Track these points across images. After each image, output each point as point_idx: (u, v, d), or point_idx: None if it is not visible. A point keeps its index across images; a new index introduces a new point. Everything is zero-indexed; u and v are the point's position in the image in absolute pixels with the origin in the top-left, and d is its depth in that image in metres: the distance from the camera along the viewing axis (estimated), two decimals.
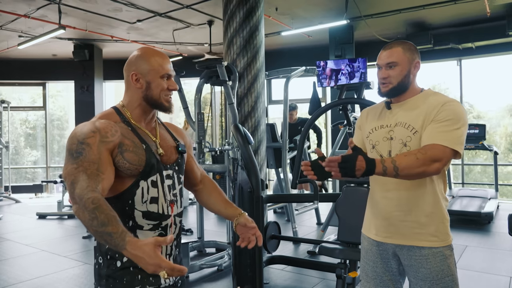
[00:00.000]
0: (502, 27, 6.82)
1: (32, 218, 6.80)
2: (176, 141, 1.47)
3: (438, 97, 1.63)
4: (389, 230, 1.68)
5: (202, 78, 4.59)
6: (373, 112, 1.79)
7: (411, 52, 1.64)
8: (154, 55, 1.36)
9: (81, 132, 1.26)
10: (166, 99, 1.37)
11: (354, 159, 1.41)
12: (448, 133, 1.51)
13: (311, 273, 3.85)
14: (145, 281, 1.32)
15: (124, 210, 1.30)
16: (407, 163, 1.46)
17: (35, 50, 8.69)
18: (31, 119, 13.05)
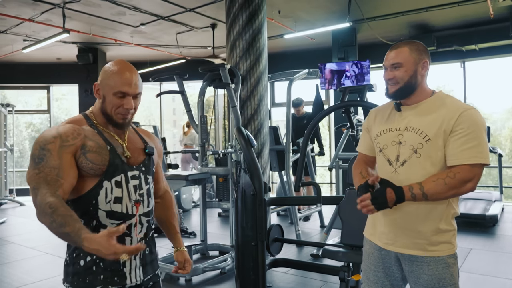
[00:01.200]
0: (506, 29, 6.81)
1: (36, 221, 6.70)
2: (145, 143, 1.51)
3: (453, 103, 1.57)
4: (392, 238, 1.65)
5: (205, 81, 4.60)
6: (382, 114, 1.74)
7: (418, 52, 1.60)
8: (117, 72, 1.37)
9: (43, 138, 1.32)
10: (120, 116, 1.39)
11: (384, 194, 1.47)
12: (473, 149, 1.48)
13: (314, 276, 3.84)
14: (108, 281, 1.35)
15: (88, 210, 1.34)
16: (436, 190, 1.47)
17: (40, 54, 8.75)
18: (36, 122, 13.12)
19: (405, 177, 1.57)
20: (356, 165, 1.86)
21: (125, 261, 1.38)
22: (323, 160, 9.45)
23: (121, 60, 1.43)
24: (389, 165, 1.63)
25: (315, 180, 5.85)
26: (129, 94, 1.38)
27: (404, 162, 1.58)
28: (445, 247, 1.60)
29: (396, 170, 1.61)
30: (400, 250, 1.63)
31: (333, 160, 5.59)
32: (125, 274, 1.39)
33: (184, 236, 5.51)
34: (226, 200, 4.61)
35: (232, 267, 3.99)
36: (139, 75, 1.43)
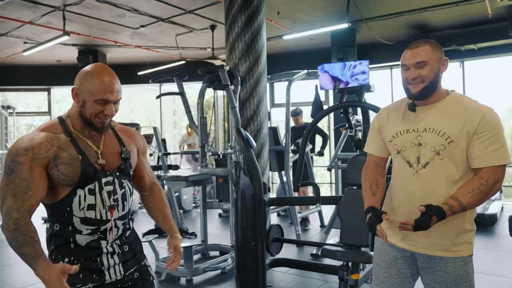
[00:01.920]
0: (504, 29, 6.82)
1: (38, 222, 6.80)
2: (123, 146, 1.50)
3: (471, 103, 1.57)
4: (414, 239, 1.63)
5: (204, 83, 4.63)
6: (395, 114, 1.70)
7: (439, 50, 1.58)
8: (98, 77, 1.34)
9: (15, 150, 1.32)
10: (99, 121, 1.38)
11: (429, 221, 1.49)
12: (498, 151, 1.51)
13: (314, 275, 3.86)
14: (87, 279, 1.39)
15: (63, 216, 1.38)
16: (474, 201, 1.51)
17: (40, 56, 8.78)
18: (37, 124, 13.14)
19: (428, 180, 1.57)
20: (366, 173, 1.81)
21: (102, 260, 1.42)
22: (323, 160, 9.47)
23: (101, 64, 1.41)
24: (410, 167, 1.60)
25: (315, 180, 5.87)
26: (111, 101, 1.36)
27: (426, 164, 1.57)
28: (466, 247, 1.61)
29: (418, 172, 1.58)
30: (422, 251, 1.62)
31: (332, 160, 5.61)
32: (103, 271, 1.42)
33: (185, 236, 5.54)
34: (226, 201, 4.63)
35: (233, 267, 4.01)
36: (118, 80, 1.41)
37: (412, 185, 1.61)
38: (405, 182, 1.64)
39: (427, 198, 1.55)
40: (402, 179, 1.65)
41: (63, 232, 1.39)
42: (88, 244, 1.40)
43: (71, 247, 1.39)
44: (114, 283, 1.45)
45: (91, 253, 1.40)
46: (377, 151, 1.76)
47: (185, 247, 3.92)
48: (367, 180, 1.79)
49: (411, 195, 1.61)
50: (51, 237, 1.43)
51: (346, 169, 3.12)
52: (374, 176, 1.77)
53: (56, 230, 1.40)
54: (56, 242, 1.41)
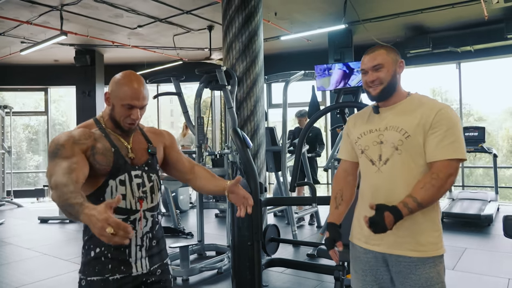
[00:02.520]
0: (500, 30, 6.87)
1: (34, 222, 6.84)
2: (149, 143, 1.62)
3: (429, 102, 1.63)
4: (379, 238, 1.62)
5: (201, 83, 4.63)
6: (361, 118, 1.78)
7: (394, 53, 1.67)
8: (127, 84, 1.48)
9: (57, 139, 1.46)
10: (126, 125, 1.51)
11: (382, 219, 1.50)
12: (451, 145, 1.54)
13: (310, 275, 3.87)
14: (116, 269, 1.48)
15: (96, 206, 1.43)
16: (428, 195, 1.51)
17: (37, 56, 8.77)
18: (33, 124, 13.13)
19: (389, 175, 1.60)
20: (334, 181, 1.88)
21: (131, 252, 1.51)
22: (320, 161, 9.49)
23: (131, 72, 1.53)
24: (372, 165, 1.65)
25: (311, 180, 5.89)
26: (137, 107, 1.49)
27: (387, 160, 1.61)
28: (434, 248, 1.60)
29: (380, 169, 1.63)
30: (388, 251, 1.62)
31: (329, 160, 5.63)
32: (130, 263, 1.51)
33: (181, 236, 5.54)
34: (223, 201, 4.64)
35: (229, 267, 4.02)
36: (146, 87, 1.53)
37: (376, 182, 1.65)
38: (369, 180, 1.68)
39: (390, 193, 1.60)
40: (367, 177, 1.70)
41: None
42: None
43: None
44: (139, 277, 1.53)
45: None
46: (347, 155, 1.81)
47: (182, 247, 3.93)
48: (334, 189, 1.87)
49: (376, 192, 1.65)
50: (86, 227, 1.50)
51: None
52: (341, 185, 1.84)
53: None
54: (90, 232, 1.48)
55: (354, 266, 1.76)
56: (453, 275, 3.85)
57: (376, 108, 1.71)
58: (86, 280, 1.48)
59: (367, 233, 1.65)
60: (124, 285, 1.49)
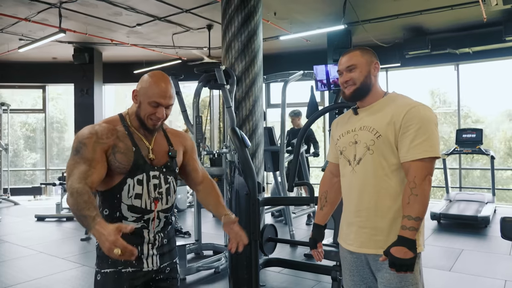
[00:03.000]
0: (499, 33, 6.88)
1: (31, 220, 6.82)
2: (171, 146, 1.66)
3: (402, 100, 1.63)
4: (353, 238, 1.66)
5: (200, 82, 4.63)
6: (342, 120, 1.81)
7: (369, 54, 1.69)
8: (155, 83, 1.53)
9: (82, 134, 1.51)
10: (151, 122, 1.56)
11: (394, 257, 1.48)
12: (422, 144, 1.52)
13: (307, 275, 3.88)
14: (128, 263, 1.53)
15: (113, 203, 1.53)
16: (418, 207, 1.49)
17: (36, 53, 8.74)
18: (31, 121, 13.08)
19: (362, 175, 1.62)
20: (321, 183, 1.92)
21: (143, 249, 1.56)
22: (318, 161, 9.50)
23: (160, 72, 1.58)
24: (349, 165, 1.67)
25: (309, 180, 5.89)
26: (163, 105, 1.53)
27: (360, 160, 1.63)
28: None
29: (354, 169, 1.65)
30: (360, 250, 1.63)
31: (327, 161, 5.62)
32: (142, 259, 1.56)
33: (179, 236, 5.54)
34: None
35: (226, 267, 4.01)
36: (173, 87, 1.58)
37: (351, 182, 1.67)
38: (345, 180, 1.71)
39: (362, 193, 1.62)
40: (344, 177, 1.73)
41: (111, 217, 1.53)
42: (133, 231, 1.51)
43: None
44: (150, 273, 1.59)
45: (134, 241, 1.50)
46: (332, 157, 1.84)
47: (179, 246, 3.92)
48: (320, 191, 1.92)
49: (350, 192, 1.68)
50: None
51: None
52: (326, 187, 1.88)
53: (105, 215, 1.53)
54: None
55: (343, 266, 1.78)
56: (450, 276, 3.86)
57: (355, 109, 1.73)
58: (100, 273, 1.54)
59: (345, 233, 1.71)
60: (136, 278, 1.55)
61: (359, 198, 1.63)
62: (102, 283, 1.54)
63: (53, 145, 12.07)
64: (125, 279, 1.52)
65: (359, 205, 1.63)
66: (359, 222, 1.64)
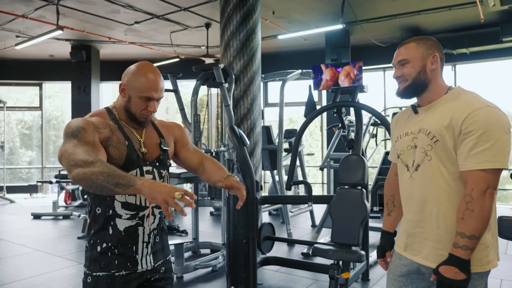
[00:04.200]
0: (496, 33, 6.91)
1: (27, 218, 6.79)
2: (161, 138, 1.60)
3: (465, 99, 1.43)
4: (416, 249, 1.52)
5: (198, 80, 4.62)
6: (402, 118, 1.65)
7: (426, 46, 1.50)
8: (144, 75, 1.45)
9: (75, 122, 1.41)
10: (142, 116, 1.49)
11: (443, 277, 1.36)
12: (484, 153, 1.33)
13: (304, 274, 3.88)
14: (122, 266, 1.46)
15: (105, 200, 1.46)
16: (473, 223, 1.34)
17: (33, 51, 8.70)
18: (27, 119, 13.02)
19: (420, 183, 1.49)
20: (385, 186, 1.78)
21: (138, 248, 1.48)
22: (315, 160, 9.51)
23: (147, 63, 1.50)
24: (407, 171, 1.54)
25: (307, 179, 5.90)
26: (154, 99, 1.47)
27: (418, 166, 1.49)
28: (474, 263, 1.39)
29: (412, 176, 1.52)
30: (423, 262, 1.50)
31: (325, 160, 5.64)
32: (137, 260, 1.49)
33: (176, 234, 5.53)
34: (218, 199, 4.63)
35: (223, 265, 4.01)
36: (162, 79, 1.50)
37: (408, 189, 1.55)
38: (403, 187, 1.59)
39: (422, 204, 1.49)
40: (402, 184, 1.60)
41: (103, 216, 1.45)
42: (126, 229, 1.47)
43: (109, 233, 1.46)
44: (144, 273, 1.52)
45: (128, 240, 1.47)
46: (394, 158, 1.67)
47: (176, 244, 3.92)
48: (385, 195, 1.76)
49: (410, 201, 1.55)
50: (91, 222, 1.49)
51: (339, 168, 3.14)
52: (392, 190, 1.73)
53: (98, 214, 1.46)
54: (95, 227, 1.47)
55: (389, 269, 1.68)
56: None
57: (415, 108, 1.57)
58: (92, 276, 1.45)
59: (407, 242, 1.57)
60: (130, 281, 1.47)
61: (420, 208, 1.49)
62: (93, 287, 1.45)
63: (49, 143, 12.02)
64: (119, 283, 1.45)
65: (420, 215, 1.50)
66: (421, 234, 1.50)
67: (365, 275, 3.76)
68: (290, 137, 6.02)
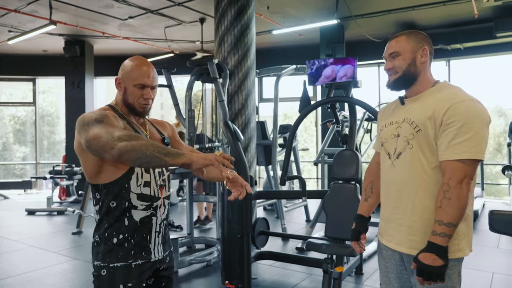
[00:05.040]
0: (490, 29, 6.94)
1: (21, 214, 6.77)
2: (162, 134, 1.68)
3: (448, 92, 1.49)
4: (392, 234, 1.59)
5: (193, 75, 4.61)
6: (388, 109, 1.70)
7: (416, 40, 1.54)
8: (136, 65, 1.54)
9: (93, 113, 1.45)
10: (140, 105, 1.55)
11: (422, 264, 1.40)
12: (463, 144, 1.39)
13: (298, 268, 3.91)
14: (138, 255, 1.52)
15: (121, 193, 1.49)
16: (450, 211, 1.39)
17: (25, 46, 8.62)
18: (21, 115, 12.93)
19: (400, 171, 1.54)
20: (366, 173, 1.83)
21: (151, 238, 1.55)
22: (310, 156, 9.54)
23: (139, 56, 1.59)
24: (388, 159, 1.59)
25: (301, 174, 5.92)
26: (148, 86, 1.54)
27: (399, 154, 1.54)
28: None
29: (393, 163, 1.57)
30: (398, 248, 1.57)
31: (319, 155, 5.66)
32: (150, 249, 1.56)
33: (171, 229, 5.54)
34: (212, 194, 4.64)
35: (218, 260, 4.03)
36: (155, 69, 1.58)
37: (389, 177, 1.60)
38: (385, 174, 1.64)
39: (401, 191, 1.54)
40: (383, 171, 1.65)
41: (119, 208, 1.49)
42: (142, 220, 1.52)
43: (125, 224, 1.50)
44: (155, 263, 1.59)
45: (143, 230, 1.53)
46: (378, 147, 1.73)
47: (171, 239, 3.92)
48: (365, 181, 1.83)
49: (389, 187, 1.60)
50: (103, 216, 1.51)
51: (332, 163, 3.16)
52: (372, 177, 1.79)
53: (112, 207, 1.50)
54: (110, 220, 1.50)
55: (379, 262, 1.72)
56: None
57: (402, 99, 1.62)
58: (107, 268, 1.48)
59: (385, 229, 1.64)
60: (144, 271, 1.54)
61: (398, 195, 1.55)
62: (109, 279, 1.47)
63: (43, 138, 11.95)
64: (134, 273, 1.50)
65: (397, 202, 1.56)
66: (397, 220, 1.56)
67: (359, 269, 3.79)
68: (284, 133, 6.04)
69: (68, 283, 3.64)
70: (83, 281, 3.67)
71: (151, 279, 1.61)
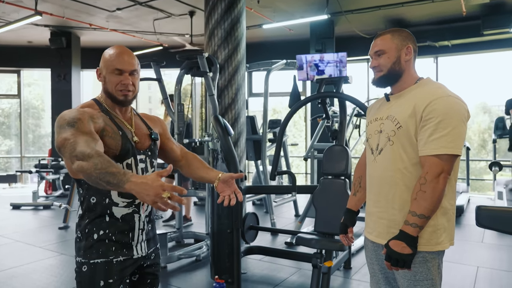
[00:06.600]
0: (477, 27, 7.03)
1: (6, 208, 6.65)
2: (150, 129, 1.64)
3: (428, 89, 1.52)
4: (372, 227, 1.64)
5: (182, 69, 4.56)
6: (375, 105, 1.74)
7: (400, 38, 1.57)
8: (113, 52, 1.50)
9: (70, 113, 1.41)
10: (120, 93, 1.49)
11: (391, 251, 1.46)
12: (441, 139, 1.42)
13: (288, 263, 3.92)
14: (119, 252, 1.49)
15: (101, 189, 1.40)
16: (424, 204, 1.43)
17: (10, 36, 8.43)
18: (5, 107, 12.68)
19: (382, 166, 1.58)
20: (356, 168, 1.87)
21: (134, 235, 1.52)
22: (299, 151, 9.57)
23: (117, 45, 1.56)
24: (371, 154, 1.64)
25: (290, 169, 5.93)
26: (125, 71, 1.48)
27: (381, 150, 1.58)
28: (424, 243, 1.49)
29: (375, 159, 1.61)
30: (377, 240, 1.61)
31: (309, 150, 5.68)
32: (132, 246, 1.53)
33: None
34: (202, 189, 4.62)
35: (207, 255, 4.02)
36: (134, 55, 1.54)
37: (371, 171, 1.65)
38: (368, 169, 1.69)
39: (382, 184, 1.59)
40: (368, 166, 1.70)
41: (100, 204, 1.47)
42: (123, 217, 1.50)
43: (106, 220, 1.48)
44: (138, 260, 1.56)
45: (125, 227, 1.50)
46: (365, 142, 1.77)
47: (160, 234, 3.91)
48: (354, 176, 1.87)
49: (372, 181, 1.66)
50: (84, 212, 1.50)
51: (322, 159, 3.16)
52: (361, 172, 1.82)
53: (93, 204, 1.48)
54: (91, 216, 1.48)
55: (365, 255, 1.77)
56: None
57: (387, 96, 1.66)
58: (88, 264, 1.46)
59: (367, 221, 1.70)
60: (126, 267, 1.51)
61: (378, 189, 1.60)
62: (90, 275, 1.45)
63: (28, 132, 11.75)
64: (115, 270, 1.47)
65: (378, 196, 1.61)
66: (377, 213, 1.61)
67: (347, 264, 3.82)
68: (274, 127, 6.03)
69: (55, 278, 3.59)
70: (70, 276, 3.62)
71: (135, 276, 1.60)
